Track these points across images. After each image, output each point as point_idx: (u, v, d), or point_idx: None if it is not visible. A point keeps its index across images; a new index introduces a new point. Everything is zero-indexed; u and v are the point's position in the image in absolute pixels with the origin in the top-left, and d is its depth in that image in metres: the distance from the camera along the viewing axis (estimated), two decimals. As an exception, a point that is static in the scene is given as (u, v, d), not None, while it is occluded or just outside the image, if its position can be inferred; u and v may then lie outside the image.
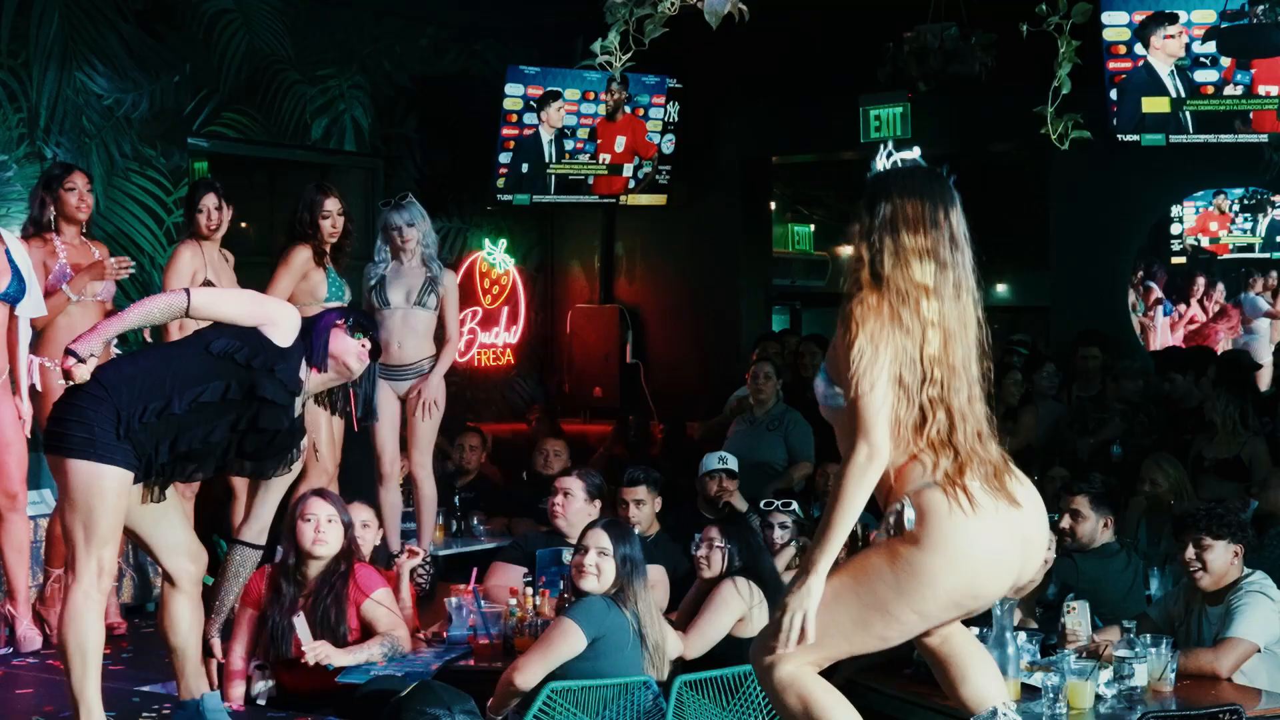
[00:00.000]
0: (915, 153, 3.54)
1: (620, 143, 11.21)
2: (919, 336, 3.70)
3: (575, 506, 6.72)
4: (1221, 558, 5.71)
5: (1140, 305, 12.64)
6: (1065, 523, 6.48)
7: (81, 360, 4.59)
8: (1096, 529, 6.55)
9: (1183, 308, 13.48)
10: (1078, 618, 5.70)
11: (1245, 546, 5.80)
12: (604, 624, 5.29)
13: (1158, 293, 13.09)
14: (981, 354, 3.81)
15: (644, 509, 7.16)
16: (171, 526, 4.93)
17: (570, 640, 5.25)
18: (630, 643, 5.33)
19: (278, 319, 4.87)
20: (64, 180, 6.90)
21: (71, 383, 4.61)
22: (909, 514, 3.66)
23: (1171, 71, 8.95)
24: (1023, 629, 5.49)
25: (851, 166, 14.00)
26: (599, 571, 5.44)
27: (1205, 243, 13.92)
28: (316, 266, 7.40)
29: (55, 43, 8.83)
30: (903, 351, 3.69)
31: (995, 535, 3.67)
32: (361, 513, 6.37)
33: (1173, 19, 8.83)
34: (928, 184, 3.84)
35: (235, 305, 4.90)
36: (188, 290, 4.88)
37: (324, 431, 7.46)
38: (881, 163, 3.69)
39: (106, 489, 4.61)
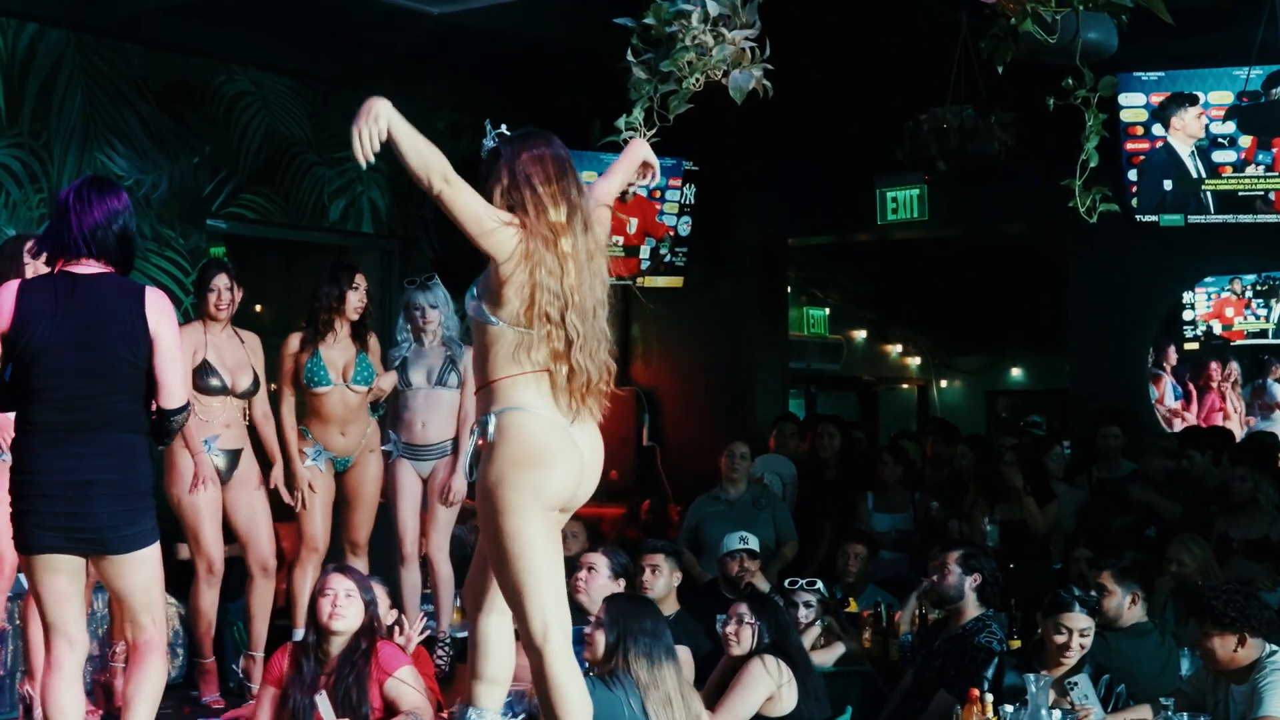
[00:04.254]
0: (503, 128, 4.21)
1: (632, 225, 11.23)
2: (559, 270, 4.26)
3: (599, 583, 6.66)
4: (1224, 649, 5.66)
5: (1153, 391, 12.53)
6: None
7: None
8: (1124, 604, 6.50)
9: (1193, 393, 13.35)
10: (1082, 691, 5.68)
11: (1266, 636, 5.71)
12: None
13: (1168, 382, 12.98)
14: (605, 277, 4.43)
15: (660, 577, 7.10)
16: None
17: None
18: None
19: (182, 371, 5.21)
20: None
21: None
22: (491, 426, 4.24)
23: (1192, 152, 8.97)
24: (1058, 708, 5.41)
25: (868, 249, 14.06)
26: (590, 643, 5.41)
27: (1219, 329, 13.88)
28: (302, 351, 7.42)
29: (76, 123, 8.87)
30: (543, 289, 4.24)
31: (556, 434, 4.28)
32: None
33: (1193, 100, 8.86)
34: (549, 140, 4.45)
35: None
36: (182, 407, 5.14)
37: (318, 507, 7.45)
38: (490, 140, 4.26)
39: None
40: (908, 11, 8.60)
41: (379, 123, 4.18)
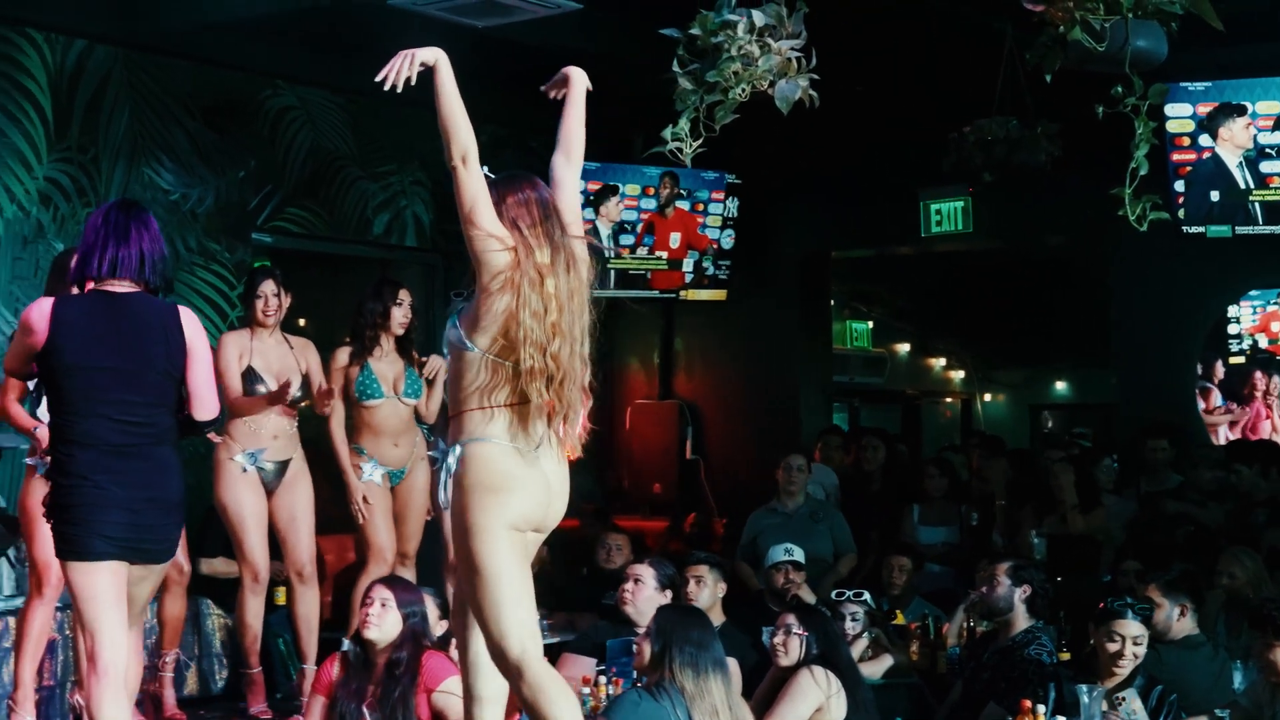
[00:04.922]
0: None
1: (675, 238, 11.20)
2: (543, 311, 4.34)
3: (645, 594, 6.65)
4: None
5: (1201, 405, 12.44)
6: None
7: None
8: (1172, 616, 6.45)
9: (1245, 407, 13.24)
10: (1131, 705, 5.63)
11: None
12: None
13: (1216, 395, 12.89)
14: (585, 314, 4.51)
15: (705, 589, 7.08)
16: None
17: None
18: None
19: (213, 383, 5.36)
20: None
21: None
22: (453, 457, 4.34)
23: (1240, 162, 8.90)
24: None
25: (911, 262, 14.02)
26: (639, 652, 5.42)
27: (1265, 343, 13.79)
28: (351, 365, 7.45)
29: (124, 139, 8.93)
30: (527, 328, 4.30)
31: (517, 461, 4.34)
32: None
33: (1241, 110, 8.80)
34: (533, 183, 4.52)
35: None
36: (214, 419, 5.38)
37: (380, 517, 7.45)
38: None
39: None
40: (952, 21, 8.57)
41: (418, 60, 4.44)
